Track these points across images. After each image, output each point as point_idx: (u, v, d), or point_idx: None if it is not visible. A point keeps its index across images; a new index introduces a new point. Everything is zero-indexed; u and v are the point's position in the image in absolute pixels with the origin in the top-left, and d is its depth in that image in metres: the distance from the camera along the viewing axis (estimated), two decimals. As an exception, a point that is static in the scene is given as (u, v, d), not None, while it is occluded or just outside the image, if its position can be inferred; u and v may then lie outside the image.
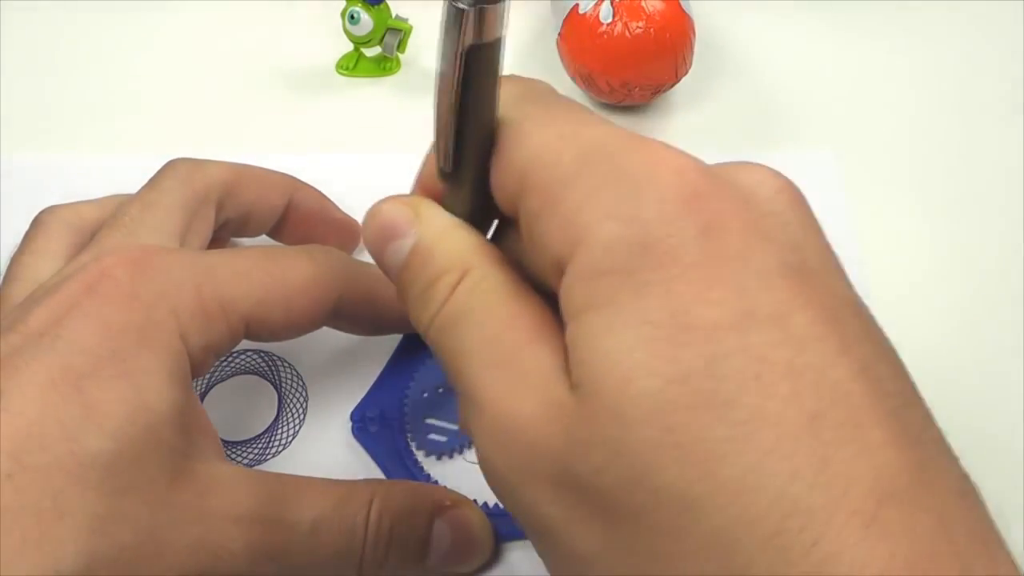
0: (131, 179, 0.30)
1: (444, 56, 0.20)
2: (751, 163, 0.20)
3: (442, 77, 0.20)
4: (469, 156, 0.21)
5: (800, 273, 0.18)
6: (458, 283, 0.21)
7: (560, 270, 0.19)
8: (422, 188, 0.23)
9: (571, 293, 0.18)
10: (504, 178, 0.21)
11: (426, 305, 0.21)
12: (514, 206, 0.20)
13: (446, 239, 0.21)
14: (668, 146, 0.19)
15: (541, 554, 0.20)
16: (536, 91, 0.22)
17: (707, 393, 0.17)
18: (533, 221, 0.20)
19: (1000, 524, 0.17)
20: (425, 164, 0.23)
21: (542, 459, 0.18)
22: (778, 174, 0.20)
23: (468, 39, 0.19)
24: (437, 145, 0.21)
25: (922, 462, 0.17)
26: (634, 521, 0.17)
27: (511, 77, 0.22)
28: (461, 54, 0.19)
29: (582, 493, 0.18)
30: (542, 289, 0.20)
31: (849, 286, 0.19)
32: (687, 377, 0.17)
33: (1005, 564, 0.17)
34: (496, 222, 0.23)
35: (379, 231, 0.22)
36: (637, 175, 0.18)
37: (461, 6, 0.19)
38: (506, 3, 0.19)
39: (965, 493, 0.17)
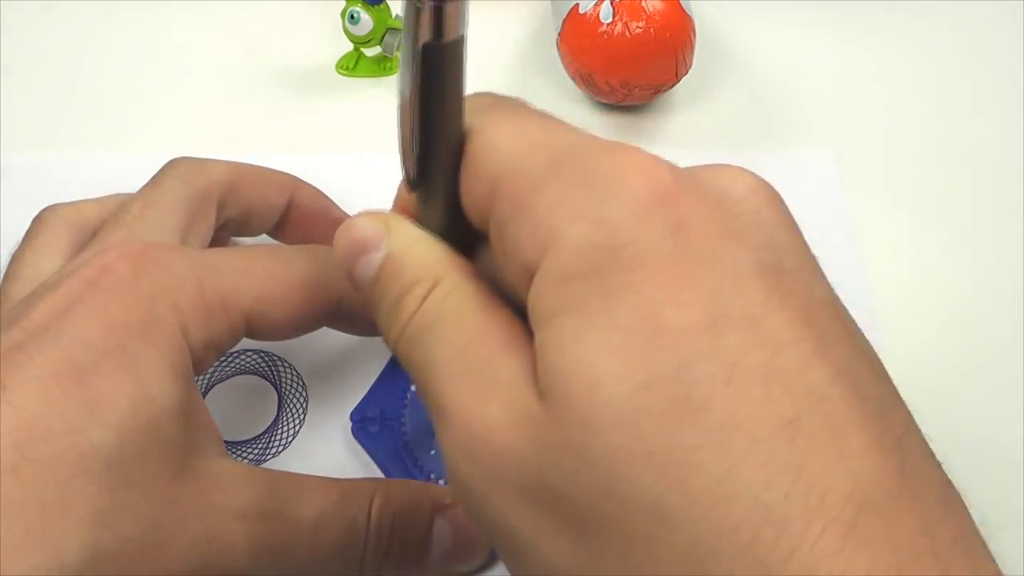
0: (131, 179, 0.30)
1: (402, 56, 0.19)
2: (725, 164, 0.20)
3: (401, 78, 0.20)
4: (435, 165, 0.21)
5: (775, 273, 0.18)
6: (427, 294, 0.20)
7: (530, 277, 0.19)
8: (399, 208, 0.23)
9: (540, 298, 0.18)
10: (474, 187, 0.20)
11: (396, 317, 0.21)
12: (484, 217, 0.20)
13: (416, 251, 0.21)
14: (639, 149, 0.19)
15: (510, 568, 0.19)
16: (506, 102, 0.22)
17: (678, 399, 0.16)
18: (503, 229, 0.19)
19: (1003, 524, 0.17)
20: (400, 187, 0.23)
21: (510, 468, 0.18)
22: (752, 174, 0.20)
23: (425, 37, 0.19)
24: (401, 153, 0.21)
25: (903, 468, 0.16)
26: (605, 531, 0.17)
27: (481, 92, 0.22)
28: (418, 53, 0.19)
29: (551, 503, 0.17)
30: (514, 304, 0.20)
31: (827, 286, 0.19)
32: (658, 383, 0.16)
33: (988, 573, 0.16)
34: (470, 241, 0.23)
35: (350, 245, 0.22)
36: (606, 177, 0.18)
37: (418, 4, 0.18)
38: (466, 1, 0.19)
39: (948, 499, 0.17)
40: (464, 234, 0.22)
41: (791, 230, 0.19)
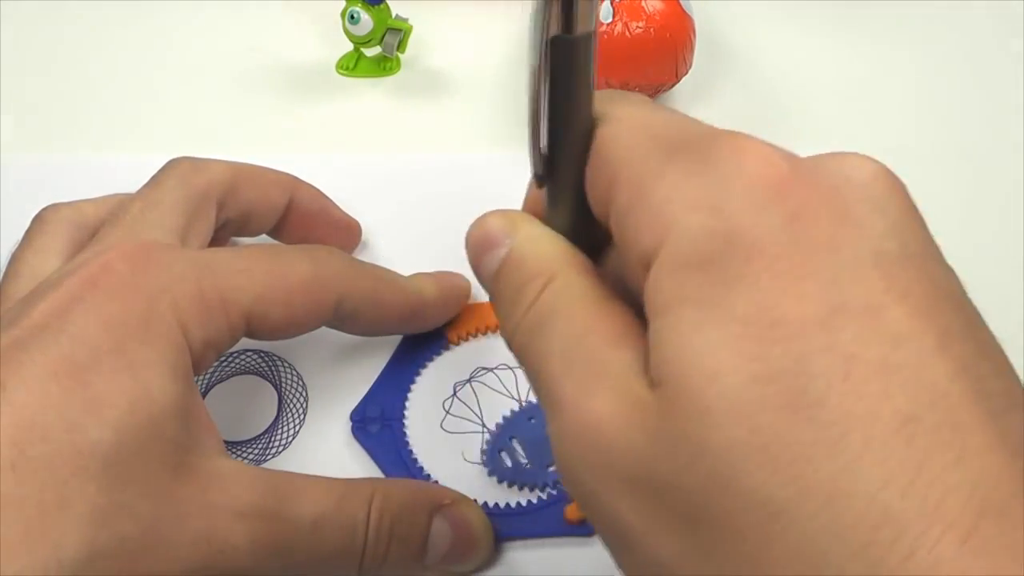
0: (131, 179, 0.30)
1: (531, 50, 0.19)
2: (844, 152, 0.19)
3: (530, 73, 0.20)
4: (562, 161, 0.21)
5: (896, 263, 0.17)
6: (544, 288, 0.20)
7: (647, 267, 0.18)
8: (528, 207, 0.24)
9: (656, 288, 0.18)
10: (597, 180, 0.20)
11: (513, 311, 0.21)
12: (607, 210, 0.20)
13: (537, 248, 0.21)
14: (755, 138, 0.19)
15: (617, 561, 0.19)
16: (627, 96, 0.22)
17: (795, 393, 0.16)
18: (623, 218, 0.19)
19: None
20: (531, 186, 0.23)
21: (621, 460, 0.18)
22: (874, 161, 0.19)
23: (555, 30, 0.19)
24: (530, 147, 0.21)
25: None
26: (717, 526, 0.16)
27: (605, 90, 0.22)
28: (545, 46, 0.19)
29: (662, 496, 0.17)
30: (636, 301, 0.20)
31: (952, 276, 0.18)
32: (774, 376, 0.16)
33: None
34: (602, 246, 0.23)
35: (478, 241, 0.22)
36: (723, 166, 0.18)
37: None
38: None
39: None
40: (593, 232, 0.22)
41: (914, 217, 0.19)
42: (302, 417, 0.32)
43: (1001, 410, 0.16)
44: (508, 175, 0.27)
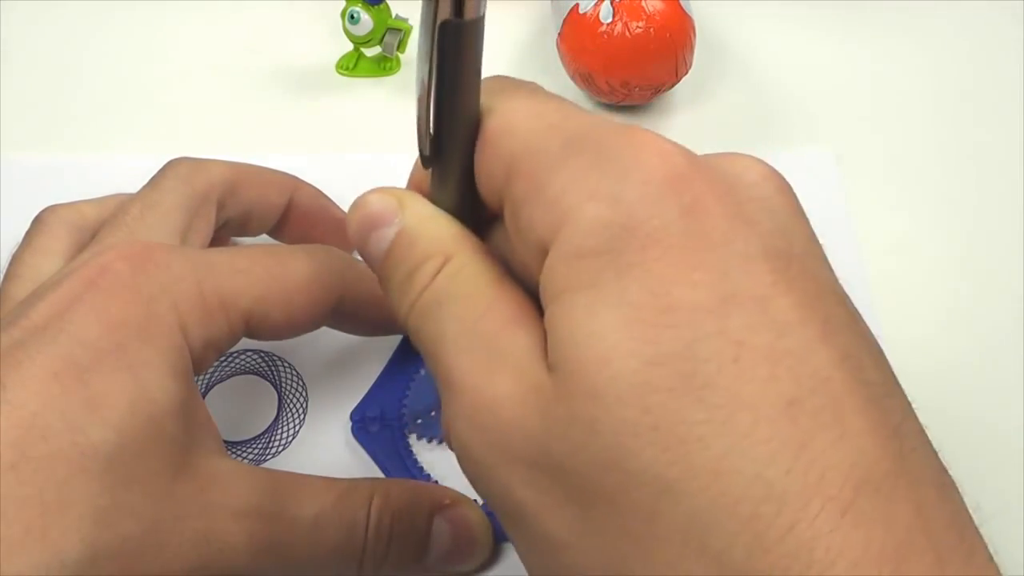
0: (131, 179, 0.30)
1: (421, 32, 0.20)
2: (738, 153, 0.20)
3: (419, 55, 0.20)
4: (450, 143, 0.21)
5: (784, 258, 0.18)
6: (439, 270, 0.21)
7: (544, 255, 0.19)
8: (412, 185, 0.24)
9: (552, 275, 0.18)
10: (490, 167, 0.21)
11: (406, 291, 0.21)
12: (499, 197, 0.21)
13: (428, 227, 0.22)
14: (654, 133, 0.19)
15: (513, 540, 0.20)
16: (521, 84, 0.22)
17: (685, 375, 0.16)
18: (519, 208, 0.20)
19: (995, 511, 0.17)
20: (416, 165, 0.24)
21: (517, 440, 0.18)
22: (764, 163, 0.20)
23: (444, 14, 0.19)
24: (417, 129, 0.21)
25: (901, 452, 0.17)
26: (609, 503, 0.17)
27: (497, 75, 0.22)
28: (436, 30, 0.19)
29: (556, 475, 0.18)
30: (525, 284, 0.20)
31: (832, 274, 0.19)
32: (665, 359, 0.17)
33: (980, 557, 0.17)
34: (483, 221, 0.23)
35: (363, 220, 0.22)
36: (622, 158, 0.18)
37: None
38: None
39: (943, 485, 0.17)
40: (476, 213, 0.22)
41: (800, 218, 0.19)
42: (302, 417, 0.32)
43: (879, 396, 0.17)
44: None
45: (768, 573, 0.15)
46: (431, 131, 0.21)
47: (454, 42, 0.20)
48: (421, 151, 0.22)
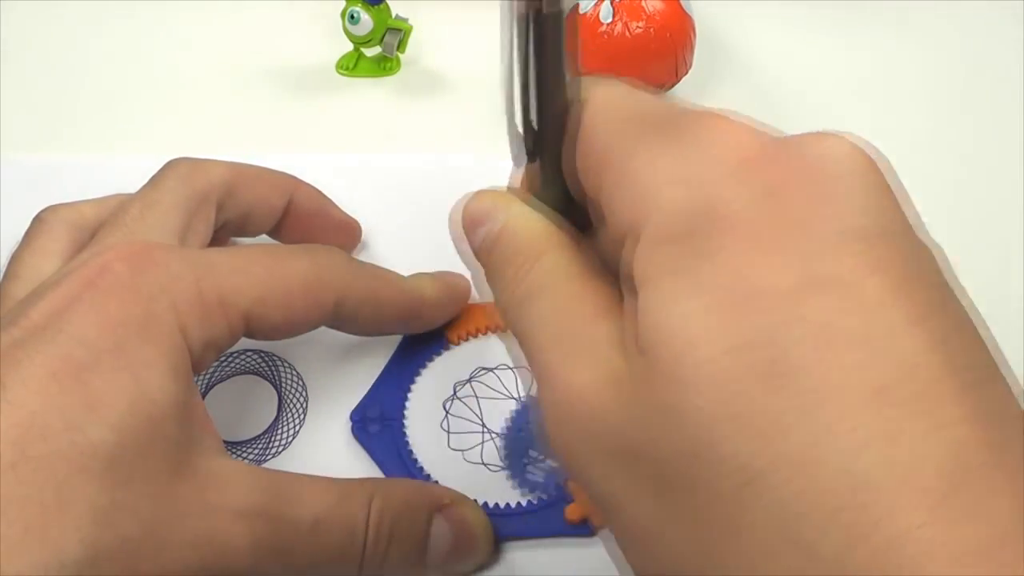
0: (131, 179, 0.30)
1: (510, 29, 0.20)
2: (824, 131, 0.19)
3: (514, 51, 0.20)
4: (552, 135, 0.22)
5: (869, 239, 0.17)
6: (534, 264, 0.21)
7: (632, 242, 0.19)
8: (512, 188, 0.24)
9: (636, 262, 0.18)
10: (583, 159, 0.21)
11: (504, 286, 0.22)
12: (596, 192, 0.21)
13: (527, 225, 0.22)
14: (733, 116, 0.19)
15: (612, 530, 0.19)
16: (607, 78, 0.22)
17: (768, 363, 0.16)
18: (609, 199, 0.20)
19: None
20: (514, 167, 0.24)
21: (602, 430, 0.18)
22: (849, 141, 0.19)
23: (546, 6, 0.19)
24: (508, 128, 0.22)
25: (1000, 442, 0.16)
26: (692, 493, 0.16)
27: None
28: (532, 22, 0.20)
29: (641, 464, 0.17)
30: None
31: (926, 253, 0.18)
32: (748, 346, 0.16)
33: None
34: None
35: (470, 216, 0.23)
36: (699, 141, 0.19)
37: None
38: None
39: None
40: (576, 207, 0.23)
41: (886, 196, 0.19)
42: (302, 417, 0.32)
43: (975, 382, 0.16)
44: (507, 175, 0.27)
45: (862, 568, 0.15)
46: (534, 126, 0.21)
47: (554, 33, 0.20)
48: (527, 147, 0.22)
